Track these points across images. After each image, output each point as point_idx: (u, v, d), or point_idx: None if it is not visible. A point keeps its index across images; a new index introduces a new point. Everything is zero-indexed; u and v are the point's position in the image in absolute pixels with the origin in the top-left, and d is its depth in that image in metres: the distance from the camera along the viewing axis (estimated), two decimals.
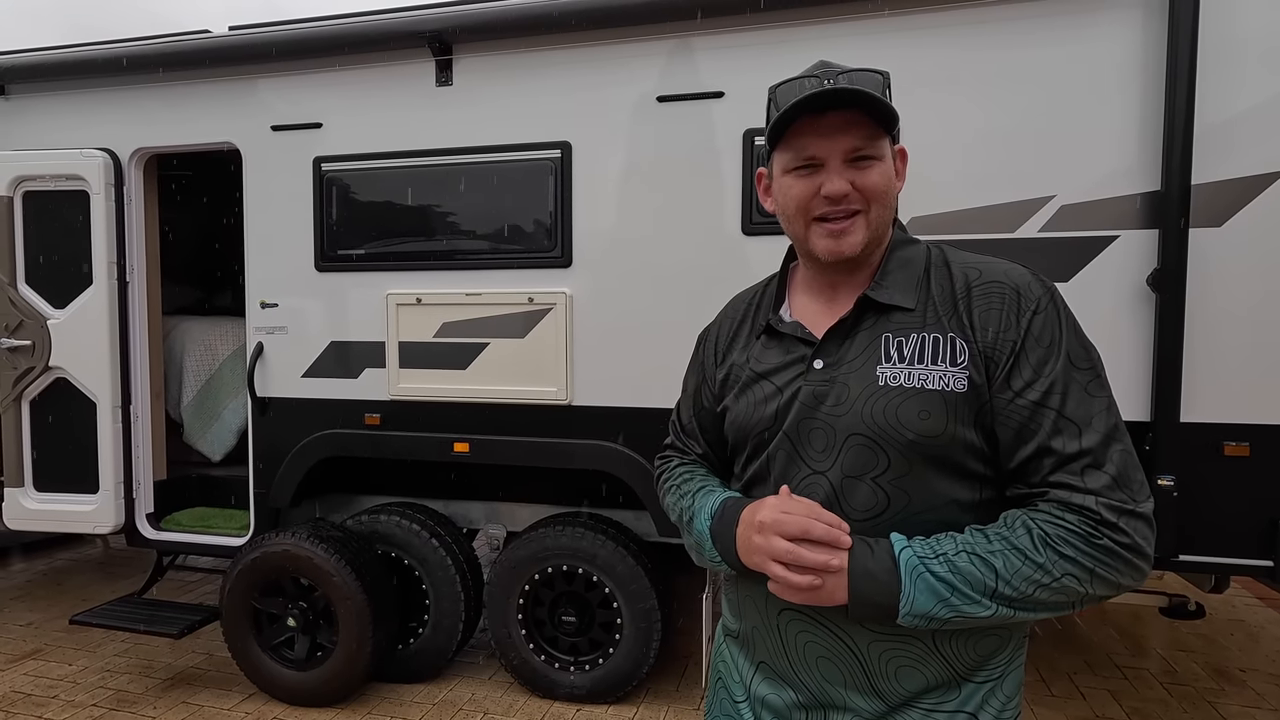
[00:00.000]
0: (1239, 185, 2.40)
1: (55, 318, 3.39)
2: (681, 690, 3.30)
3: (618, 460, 2.96)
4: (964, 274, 0.99)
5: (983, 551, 0.89)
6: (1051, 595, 0.88)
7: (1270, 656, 3.62)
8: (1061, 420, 0.91)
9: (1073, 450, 0.90)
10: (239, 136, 3.30)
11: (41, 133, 3.51)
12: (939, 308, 0.98)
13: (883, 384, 0.96)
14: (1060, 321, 0.94)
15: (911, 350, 0.96)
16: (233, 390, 3.95)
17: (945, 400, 0.93)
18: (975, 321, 0.95)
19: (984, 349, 0.94)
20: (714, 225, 2.83)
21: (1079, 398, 0.91)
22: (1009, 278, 0.97)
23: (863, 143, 0.97)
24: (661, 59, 2.85)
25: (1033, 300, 0.94)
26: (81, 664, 3.62)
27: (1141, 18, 2.45)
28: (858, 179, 0.97)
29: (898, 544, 0.92)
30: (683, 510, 1.15)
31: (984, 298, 0.96)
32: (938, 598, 0.89)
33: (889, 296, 1.00)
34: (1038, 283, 0.97)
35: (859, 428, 0.96)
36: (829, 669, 1.00)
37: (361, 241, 3.21)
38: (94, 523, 3.46)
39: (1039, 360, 0.92)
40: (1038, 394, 0.92)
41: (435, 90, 3.08)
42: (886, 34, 2.64)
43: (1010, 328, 0.94)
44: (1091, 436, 0.90)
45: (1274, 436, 2.39)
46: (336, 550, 3.08)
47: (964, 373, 0.94)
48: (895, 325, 0.98)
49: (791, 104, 0.97)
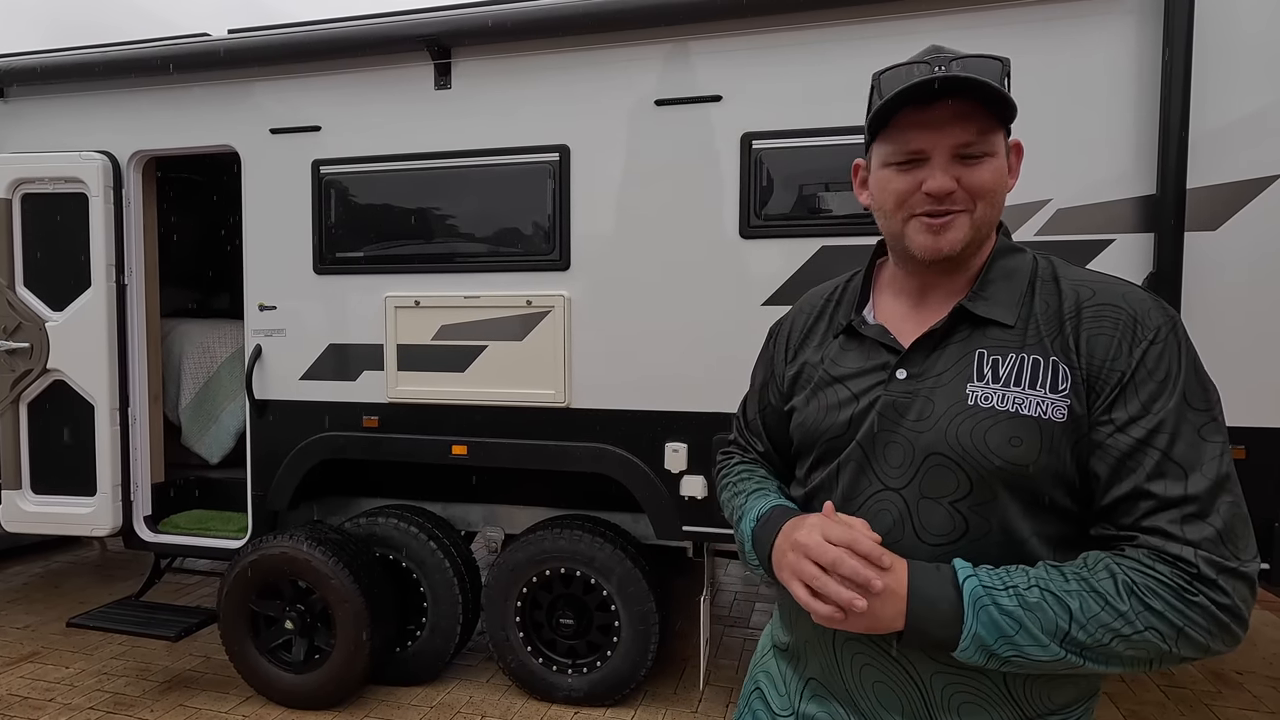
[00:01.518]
0: (1234, 189, 2.41)
1: (53, 320, 3.39)
2: (679, 693, 3.30)
3: (616, 463, 2.97)
4: (1075, 291, 0.90)
5: (1058, 590, 0.81)
6: (1128, 649, 0.80)
7: (1267, 659, 3.63)
8: (1167, 463, 0.82)
9: (1175, 495, 0.81)
10: (238, 139, 3.30)
11: (40, 135, 3.51)
12: (1042, 327, 0.90)
13: (972, 403, 0.89)
14: (1180, 355, 0.85)
15: (1008, 371, 0.89)
16: (231, 393, 3.95)
17: (1041, 428, 0.86)
18: (1082, 346, 0.87)
19: (1088, 376, 0.86)
20: (712, 228, 2.84)
21: (1190, 440, 0.83)
22: (1126, 301, 0.88)
23: (974, 137, 0.89)
24: (659, 62, 2.86)
25: (1150, 329, 0.86)
26: (79, 666, 3.61)
27: (1137, 23, 2.46)
28: (965, 176, 0.90)
29: (962, 571, 0.84)
30: (734, 509, 1.10)
31: (1095, 320, 0.87)
32: (1001, 634, 0.81)
33: (988, 310, 0.92)
34: (1159, 310, 0.88)
35: (941, 447, 0.89)
36: (886, 694, 0.93)
37: (360, 244, 3.21)
38: (91, 525, 3.46)
39: (1150, 395, 0.84)
40: (1143, 431, 0.83)
41: (434, 93, 3.08)
42: (882, 39, 2.64)
43: (1121, 356, 0.85)
44: (1199, 483, 0.81)
45: (1270, 440, 2.40)
46: (334, 553, 3.08)
47: (1065, 401, 0.86)
48: (991, 341, 0.91)
49: (895, 92, 0.88)
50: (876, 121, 0.93)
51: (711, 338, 2.84)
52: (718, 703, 3.22)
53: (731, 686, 3.37)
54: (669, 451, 2.90)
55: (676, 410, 2.90)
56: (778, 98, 2.74)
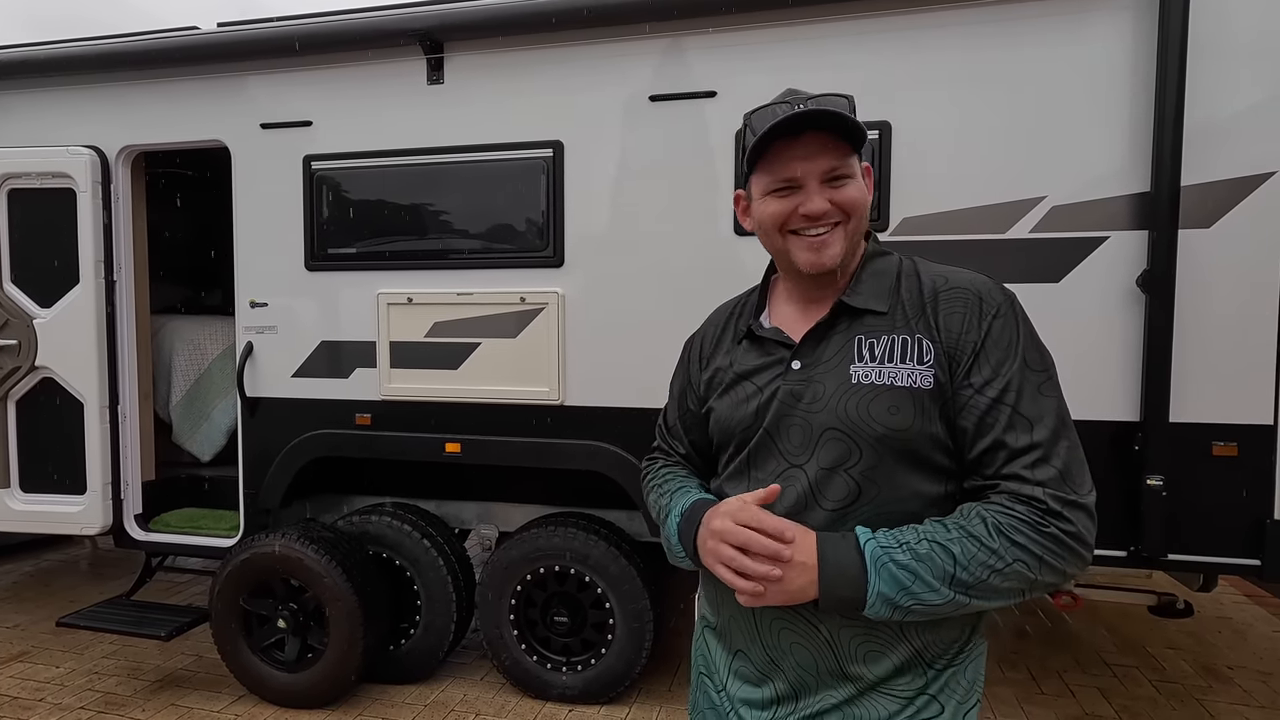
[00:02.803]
0: (1228, 187, 2.41)
1: (41, 317, 3.36)
2: (674, 690, 3.30)
3: (610, 460, 2.96)
4: (932, 281, 1.06)
5: (942, 539, 0.95)
6: (1004, 581, 0.94)
7: (1258, 653, 3.65)
8: (1016, 416, 0.97)
9: (1024, 444, 0.96)
10: (228, 134, 3.27)
11: (27, 130, 3.47)
12: (908, 311, 1.05)
13: (855, 382, 1.02)
14: (1018, 326, 1.02)
15: (883, 350, 1.03)
16: (222, 390, 3.92)
17: (913, 396, 1.00)
18: (940, 324, 1.02)
19: (948, 349, 1.01)
20: (706, 225, 2.83)
21: (1032, 396, 0.98)
22: (973, 285, 1.05)
23: (838, 162, 1.04)
24: (654, 58, 2.84)
25: (993, 305, 1.02)
26: (69, 666, 3.59)
27: (1132, 19, 2.46)
28: (835, 196, 1.04)
29: (863, 536, 0.97)
30: (660, 508, 1.22)
31: (949, 302, 1.03)
32: (900, 586, 0.94)
33: (863, 301, 1.07)
34: (999, 290, 1.05)
35: (834, 423, 1.02)
36: (803, 655, 1.05)
37: (352, 241, 3.19)
38: (81, 524, 3.43)
39: (998, 360, 1.00)
40: (995, 391, 0.98)
41: (426, 88, 3.06)
42: (878, 34, 2.64)
43: (972, 330, 1.01)
44: (1041, 432, 0.97)
45: (1262, 436, 2.41)
46: (327, 551, 3.06)
47: (930, 370, 1.00)
48: (867, 328, 1.05)
49: (769, 127, 1.02)
50: (753, 155, 1.07)
51: None
52: None
53: None
54: None
55: None
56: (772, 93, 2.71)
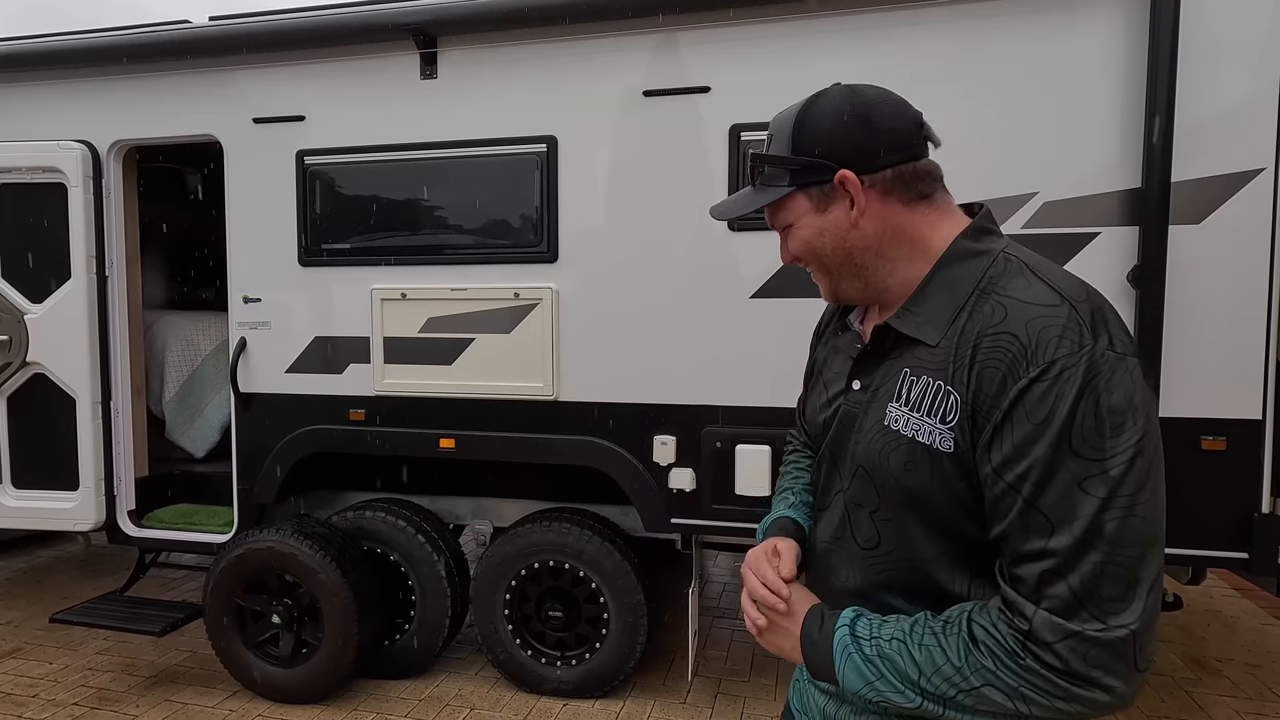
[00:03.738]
0: (1218, 183, 2.42)
1: (33, 312, 3.34)
2: (668, 684, 3.32)
3: (604, 456, 2.96)
4: (992, 311, 0.83)
5: (914, 642, 0.84)
6: (976, 703, 0.80)
7: (1246, 646, 3.69)
8: (1031, 512, 0.77)
9: (1035, 549, 0.77)
10: (220, 129, 3.25)
11: (17, 124, 3.44)
12: (956, 350, 0.84)
13: (886, 424, 0.90)
14: (1069, 394, 0.76)
15: (917, 395, 0.87)
16: (215, 386, 3.91)
17: (931, 457, 0.85)
18: (972, 377, 0.82)
19: (973, 410, 0.82)
20: (701, 221, 2.83)
21: (1063, 491, 0.76)
22: (1029, 329, 0.79)
23: (774, 213, 0.99)
24: (648, 53, 2.84)
25: (1040, 364, 0.77)
26: (63, 662, 3.58)
27: (1123, 15, 2.46)
28: (787, 247, 1.00)
29: (843, 619, 0.91)
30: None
31: (990, 351, 0.81)
32: (864, 680, 0.86)
33: (911, 326, 0.89)
34: (1066, 342, 0.77)
35: (865, 461, 0.93)
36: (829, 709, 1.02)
37: (346, 236, 3.18)
38: (74, 520, 3.42)
39: (1022, 437, 0.78)
40: (1012, 476, 0.79)
41: (420, 83, 3.05)
42: (869, 30, 2.64)
43: (1002, 392, 0.79)
44: (1062, 539, 0.75)
45: (1250, 431, 2.43)
46: (321, 547, 3.06)
47: (951, 433, 0.83)
48: (915, 361, 0.89)
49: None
50: None
51: (700, 330, 2.84)
52: (706, 694, 3.24)
53: (720, 678, 3.39)
54: (657, 444, 2.90)
55: (665, 403, 2.90)
56: (766, 89, 2.73)
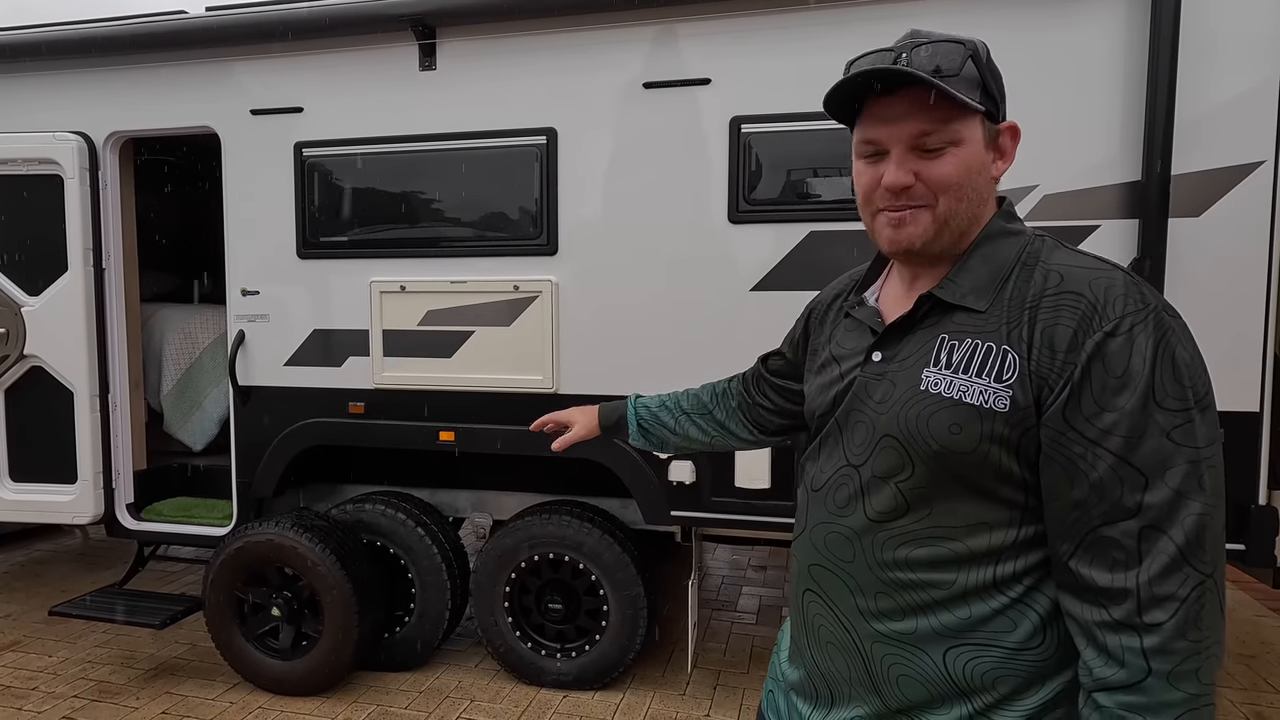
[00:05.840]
0: (1218, 176, 2.43)
1: (29, 305, 3.32)
2: (667, 676, 3.33)
3: (603, 448, 2.96)
4: (1045, 277, 0.85)
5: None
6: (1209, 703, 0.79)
7: (1240, 637, 3.71)
8: (1124, 467, 0.77)
9: (1130, 504, 0.77)
10: (217, 120, 3.24)
11: (12, 115, 3.42)
12: (1008, 313, 0.86)
13: (924, 389, 0.88)
14: (1147, 349, 0.78)
15: (962, 357, 0.86)
16: (214, 379, 3.90)
17: (981, 417, 0.83)
18: (1036, 336, 0.82)
19: (1036, 368, 0.82)
20: (701, 213, 2.82)
21: (1155, 444, 0.77)
22: (1093, 288, 0.81)
23: (932, 126, 0.85)
24: (648, 45, 2.83)
25: (1112, 318, 0.79)
26: (62, 655, 3.58)
27: (1125, 8, 2.46)
28: (923, 170, 0.87)
29: None
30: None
31: (1053, 310, 0.82)
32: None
33: (957, 295, 0.89)
34: (1130, 298, 0.80)
35: (893, 429, 0.90)
36: (835, 655, 0.98)
37: (344, 228, 3.17)
38: (73, 513, 3.41)
39: (1106, 390, 0.78)
40: (1095, 431, 0.78)
41: (419, 75, 3.03)
42: (871, 21, 2.63)
43: (1075, 348, 0.80)
44: (1159, 493, 0.77)
45: (1246, 423, 2.44)
46: (321, 539, 3.06)
47: (1007, 391, 0.83)
48: (956, 327, 0.89)
49: (836, 85, 0.87)
50: (842, 113, 0.93)
51: (700, 323, 2.84)
52: (705, 686, 3.26)
53: (719, 669, 3.41)
54: None
55: None
56: (767, 81, 2.72)
